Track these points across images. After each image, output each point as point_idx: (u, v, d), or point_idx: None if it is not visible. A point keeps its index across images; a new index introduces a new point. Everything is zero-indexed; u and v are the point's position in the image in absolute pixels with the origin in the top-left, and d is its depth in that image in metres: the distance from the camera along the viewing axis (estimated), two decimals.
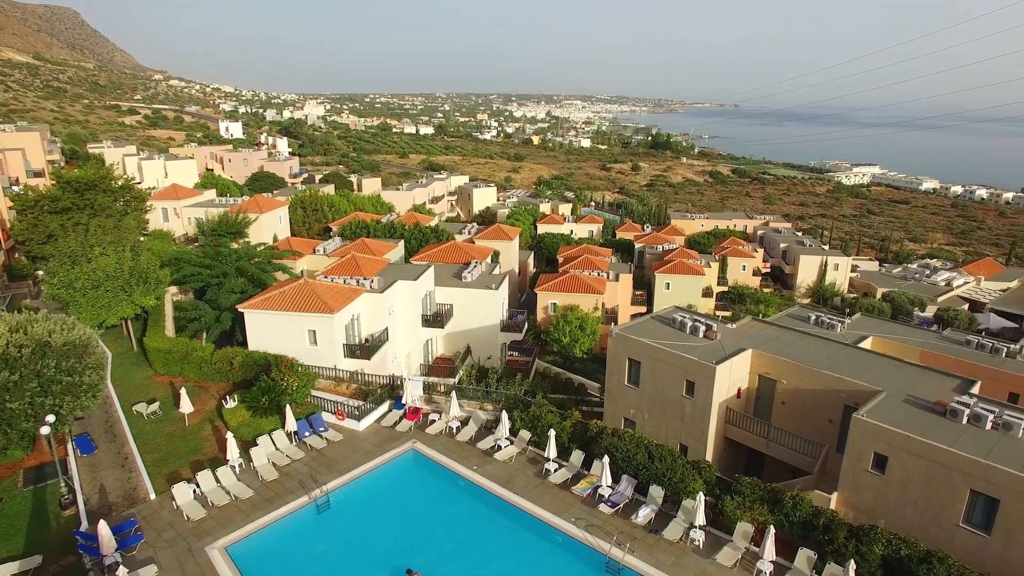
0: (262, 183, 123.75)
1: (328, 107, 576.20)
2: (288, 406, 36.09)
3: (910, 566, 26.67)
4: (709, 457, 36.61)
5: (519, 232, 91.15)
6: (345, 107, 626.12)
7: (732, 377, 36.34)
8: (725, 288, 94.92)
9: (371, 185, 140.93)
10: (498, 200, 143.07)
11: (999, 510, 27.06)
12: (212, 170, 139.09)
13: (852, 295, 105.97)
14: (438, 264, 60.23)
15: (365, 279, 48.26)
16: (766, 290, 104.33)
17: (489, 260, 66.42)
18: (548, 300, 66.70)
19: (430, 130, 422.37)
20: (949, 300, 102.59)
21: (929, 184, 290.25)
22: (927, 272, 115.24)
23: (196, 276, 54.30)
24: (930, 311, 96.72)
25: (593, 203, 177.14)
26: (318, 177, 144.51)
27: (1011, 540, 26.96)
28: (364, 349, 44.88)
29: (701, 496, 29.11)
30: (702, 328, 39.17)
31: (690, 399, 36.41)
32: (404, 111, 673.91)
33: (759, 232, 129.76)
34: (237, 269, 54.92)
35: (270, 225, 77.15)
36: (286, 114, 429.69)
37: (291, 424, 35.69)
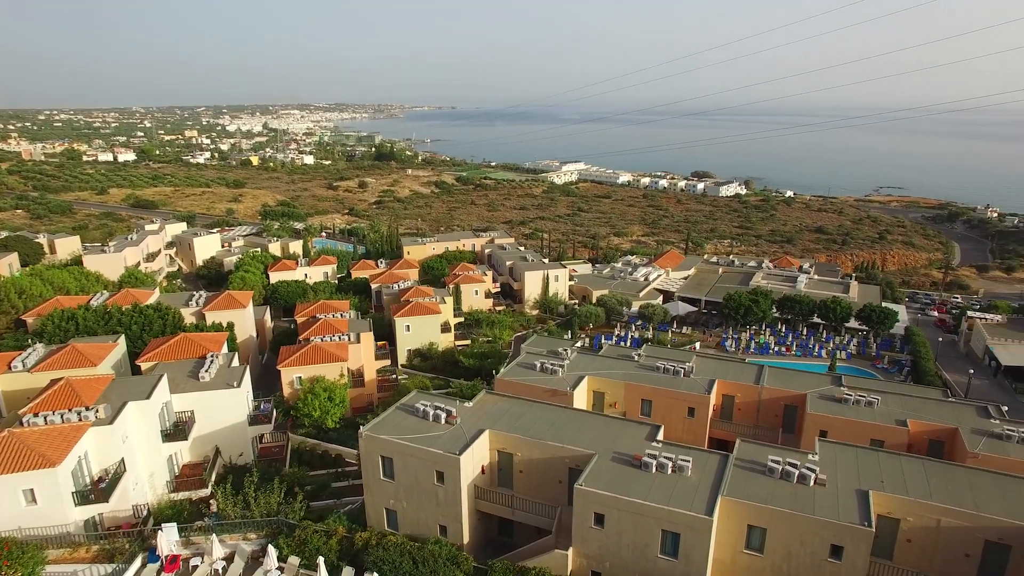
0: None
1: None
2: None
3: None
4: (466, 532, 40.84)
5: (251, 294, 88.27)
6: (12, 128, 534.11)
7: (475, 459, 40.87)
8: (461, 318, 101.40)
9: (68, 246, 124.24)
10: (223, 246, 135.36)
11: (680, 541, 34.95)
12: None
13: (573, 301, 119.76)
14: (170, 363, 56.87)
15: (88, 409, 44.21)
16: (499, 309, 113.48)
17: (225, 348, 63.96)
18: (293, 375, 66.33)
19: (131, 156, 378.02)
20: (648, 294, 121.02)
21: (624, 177, 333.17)
22: (630, 270, 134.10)
23: None
24: (636, 306, 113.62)
25: (324, 233, 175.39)
26: None
27: (690, 560, 35.24)
28: (99, 492, 41.44)
29: None
30: (443, 415, 43.16)
31: (442, 486, 40.18)
32: (94, 131, 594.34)
33: (486, 251, 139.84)
34: None
35: None
36: None
37: None
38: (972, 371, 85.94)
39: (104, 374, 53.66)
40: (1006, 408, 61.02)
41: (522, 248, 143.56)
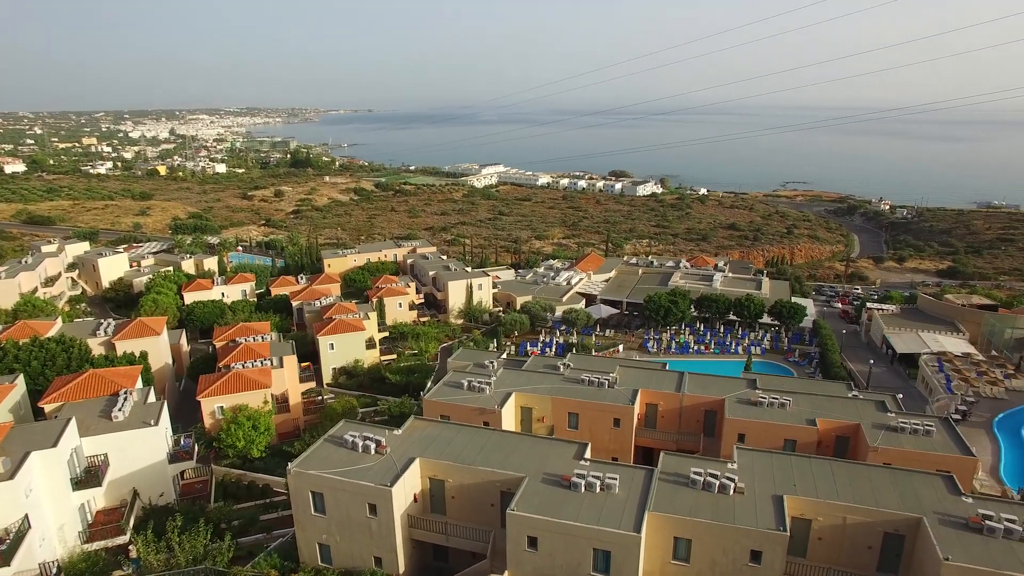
0: None
1: None
2: None
3: None
4: (401, 562, 40.80)
5: (165, 320, 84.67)
6: None
7: (407, 489, 40.85)
8: (386, 333, 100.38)
9: None
10: (131, 266, 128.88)
11: (611, 558, 36.04)
12: None
13: (497, 308, 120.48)
14: (78, 403, 53.94)
15: None
16: (423, 320, 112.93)
17: (139, 383, 61.14)
18: (214, 405, 64.12)
19: (21, 166, 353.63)
20: (571, 298, 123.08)
21: (544, 179, 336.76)
22: (552, 274, 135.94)
23: None
24: (559, 311, 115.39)
25: (240, 247, 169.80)
26: None
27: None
28: None
29: None
30: (373, 446, 42.86)
31: (375, 518, 39.98)
32: None
33: (409, 261, 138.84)
34: None
35: None
36: None
37: None
38: (872, 361, 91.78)
39: (1, 422, 50.37)
40: (900, 396, 65.97)
41: (444, 257, 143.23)
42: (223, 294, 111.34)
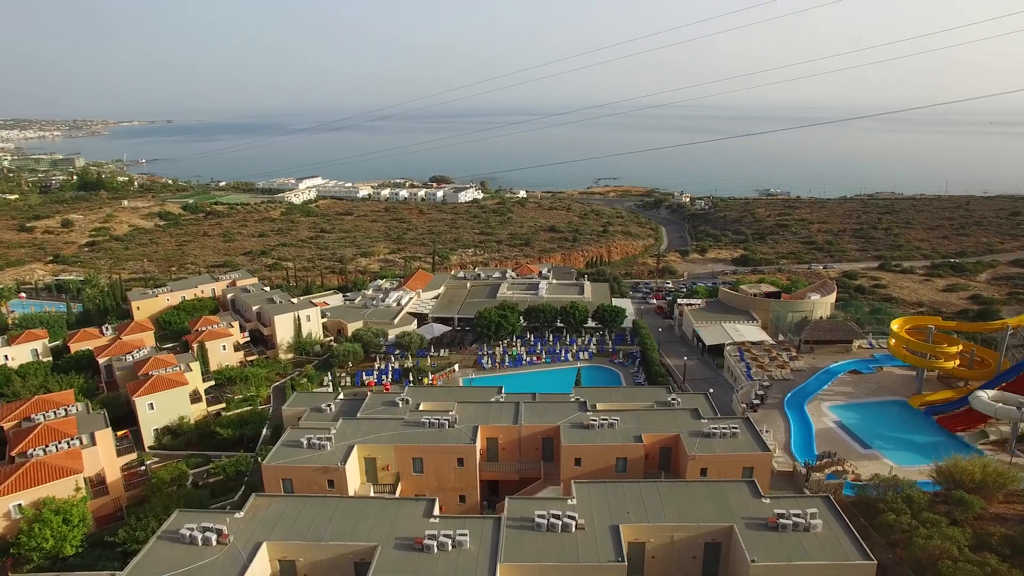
0: None
1: None
2: None
3: None
4: None
5: None
6: None
7: None
8: (212, 381, 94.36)
9: None
10: None
11: None
12: None
13: (329, 338, 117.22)
14: None
15: None
16: (251, 359, 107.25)
17: None
18: (9, 504, 56.51)
19: None
20: (402, 319, 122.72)
21: (364, 191, 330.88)
22: (381, 296, 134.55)
23: None
24: (392, 334, 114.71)
25: (23, 293, 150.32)
26: None
27: None
28: None
29: None
30: (214, 537, 40.59)
31: None
32: None
33: (229, 295, 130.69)
34: None
35: None
36: None
37: None
38: (686, 358, 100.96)
39: None
40: (712, 391, 73.33)
41: (267, 288, 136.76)
42: (7, 357, 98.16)
